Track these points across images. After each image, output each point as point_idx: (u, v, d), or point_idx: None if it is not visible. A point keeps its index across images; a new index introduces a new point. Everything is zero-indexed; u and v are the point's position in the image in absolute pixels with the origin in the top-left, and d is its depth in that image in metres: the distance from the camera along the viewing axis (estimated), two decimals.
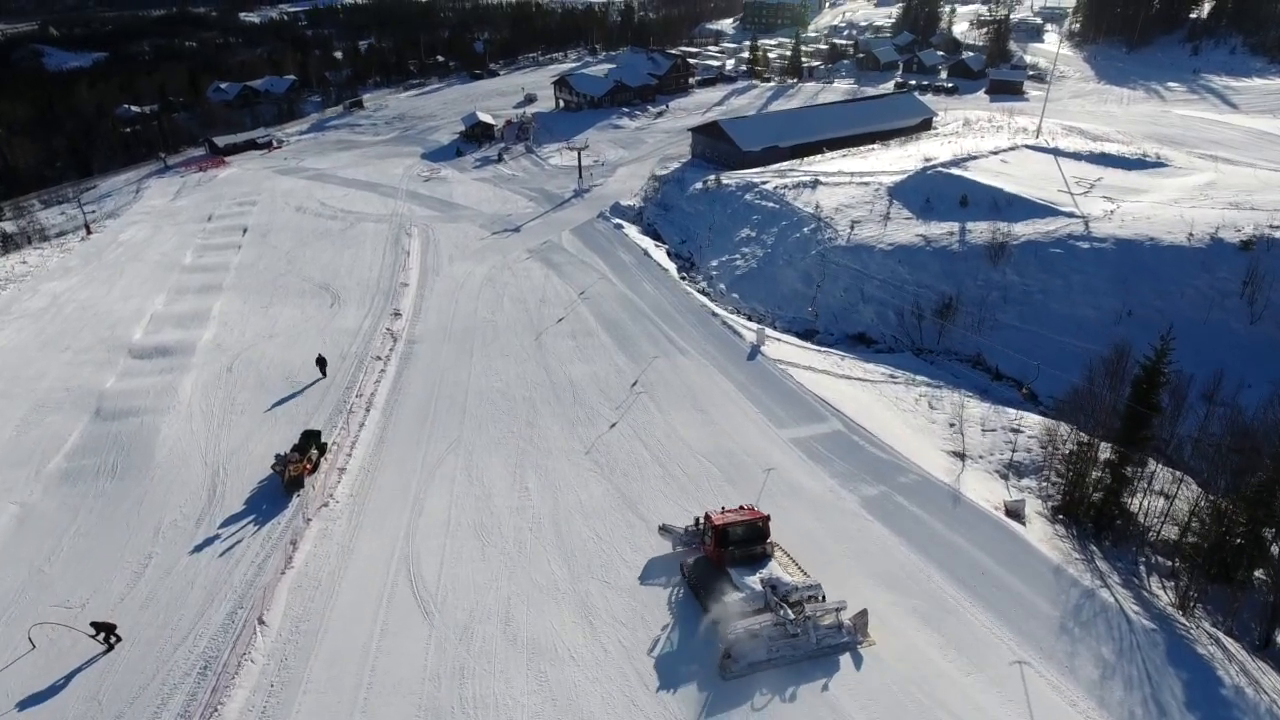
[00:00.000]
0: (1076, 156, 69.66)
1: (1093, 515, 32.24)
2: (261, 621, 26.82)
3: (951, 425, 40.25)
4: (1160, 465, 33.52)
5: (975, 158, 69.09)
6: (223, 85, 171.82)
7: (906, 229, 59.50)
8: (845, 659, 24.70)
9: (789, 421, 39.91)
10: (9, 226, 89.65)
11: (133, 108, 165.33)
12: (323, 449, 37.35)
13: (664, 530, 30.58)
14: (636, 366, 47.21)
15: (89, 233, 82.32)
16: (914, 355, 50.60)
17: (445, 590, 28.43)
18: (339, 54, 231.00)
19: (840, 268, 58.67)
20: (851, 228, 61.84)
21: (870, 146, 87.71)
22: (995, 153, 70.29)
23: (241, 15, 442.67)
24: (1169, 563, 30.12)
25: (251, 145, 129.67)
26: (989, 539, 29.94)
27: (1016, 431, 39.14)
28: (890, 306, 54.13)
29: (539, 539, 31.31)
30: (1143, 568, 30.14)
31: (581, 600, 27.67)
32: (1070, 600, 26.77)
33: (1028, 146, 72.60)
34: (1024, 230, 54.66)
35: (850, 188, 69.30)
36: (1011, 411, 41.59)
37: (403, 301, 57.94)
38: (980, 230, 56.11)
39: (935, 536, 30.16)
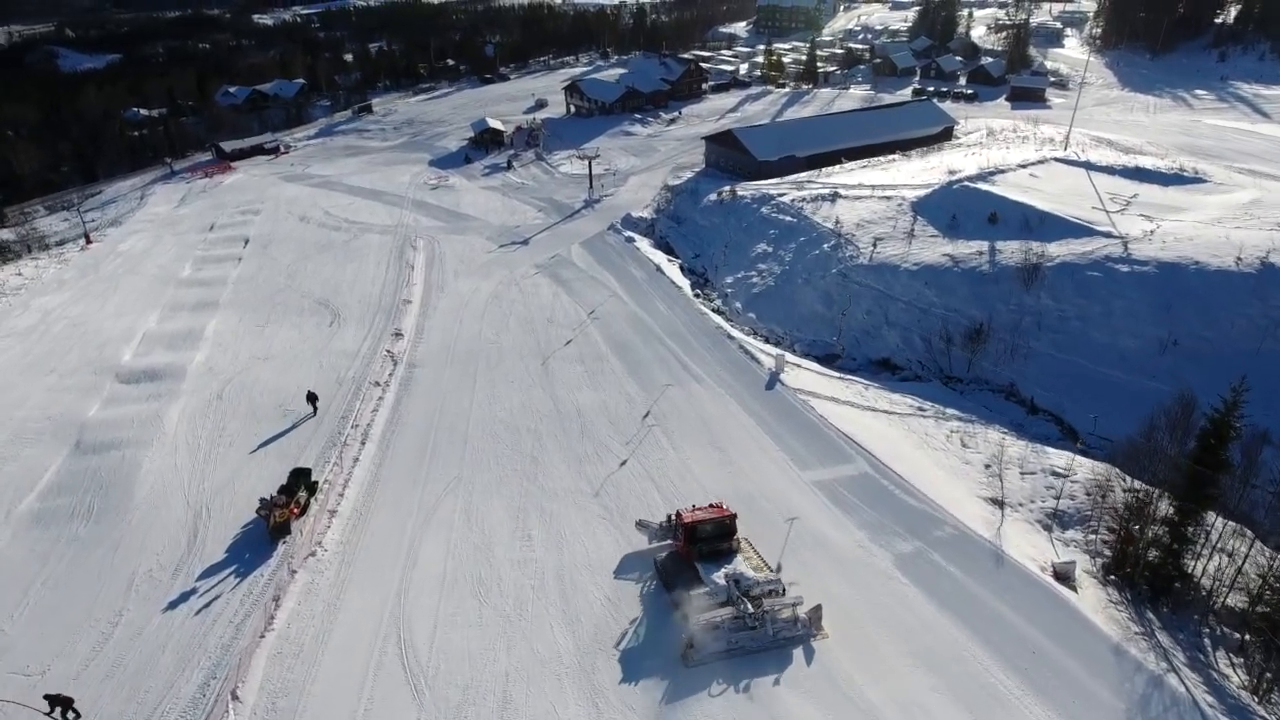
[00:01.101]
0: (1109, 170, 66.55)
1: (1148, 577, 29.40)
2: (235, 696, 24.33)
3: (988, 467, 37.46)
4: (1220, 518, 30.62)
5: (1002, 171, 66.11)
6: (231, 89, 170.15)
7: (932, 248, 56.65)
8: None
9: (812, 461, 37.19)
10: (8, 235, 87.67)
11: (141, 111, 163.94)
12: (313, 489, 34.91)
13: (640, 525, 31.59)
14: (648, 395, 44.62)
15: (89, 242, 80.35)
16: (943, 384, 47.78)
17: (438, 661, 25.87)
18: (349, 56, 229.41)
19: (862, 288, 55.87)
20: (874, 245, 59.02)
21: (890, 157, 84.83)
22: (1023, 166, 67.29)
23: (255, 17, 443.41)
24: (1237, 635, 27.24)
25: (259, 150, 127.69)
26: (1038, 608, 27.13)
27: (1059, 476, 36.26)
28: (916, 331, 51.30)
29: (542, 599, 28.72)
30: (1207, 640, 27.27)
31: (587, 678, 25.05)
32: (1135, 689, 23.95)
33: (1057, 159, 69.57)
34: (1058, 251, 51.73)
35: (871, 202, 66.47)
36: (1051, 451, 38.72)
37: (405, 321, 55.51)
38: (1011, 250, 53.21)
39: (978, 605, 27.38)
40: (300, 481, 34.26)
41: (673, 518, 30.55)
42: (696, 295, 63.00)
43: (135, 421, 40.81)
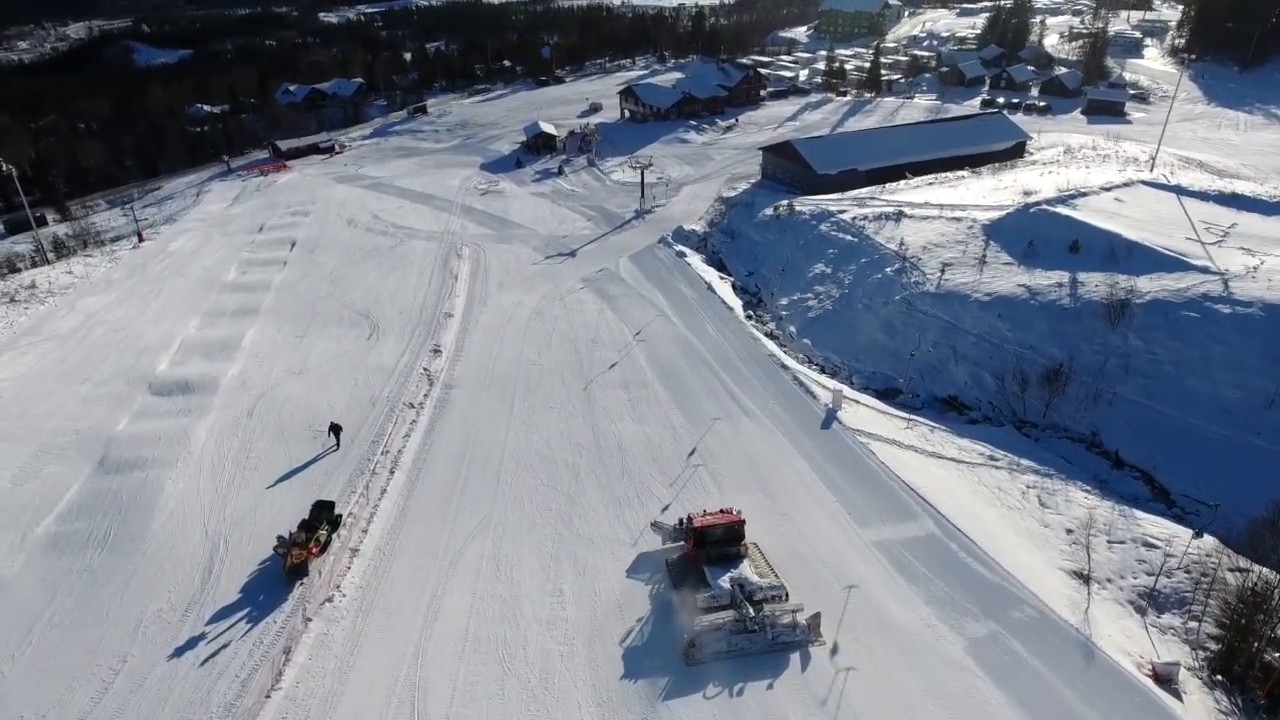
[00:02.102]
0: (1203, 196, 61.48)
1: (1260, 678, 25.52)
2: None
3: (1070, 532, 33.71)
4: None
5: (1084, 194, 61.48)
6: (291, 88, 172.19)
7: (1006, 277, 52.62)
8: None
9: (872, 517, 33.92)
10: (64, 230, 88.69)
11: (205, 108, 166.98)
12: (336, 523, 32.92)
13: (655, 526, 32.34)
14: (694, 429, 41.78)
15: (141, 240, 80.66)
16: (1016, 430, 43.87)
17: None
18: (408, 55, 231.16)
19: (928, 318, 52.13)
20: (941, 271, 55.17)
21: (959, 174, 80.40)
22: (1107, 189, 62.53)
23: (320, 15, 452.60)
24: None
25: (314, 150, 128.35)
26: (1136, 718, 23.55)
27: (1152, 547, 32.39)
28: (987, 368, 47.44)
29: (570, 670, 26.13)
30: None
31: None
32: None
33: (1144, 182, 64.58)
34: (1149, 286, 47.34)
35: (939, 223, 62.48)
36: (1142, 516, 34.80)
37: (444, 336, 53.60)
38: (1095, 283, 48.95)
39: (1067, 711, 23.91)
40: (323, 515, 32.31)
41: (684, 521, 31.25)
42: (748, 317, 59.97)
43: (162, 439, 39.46)
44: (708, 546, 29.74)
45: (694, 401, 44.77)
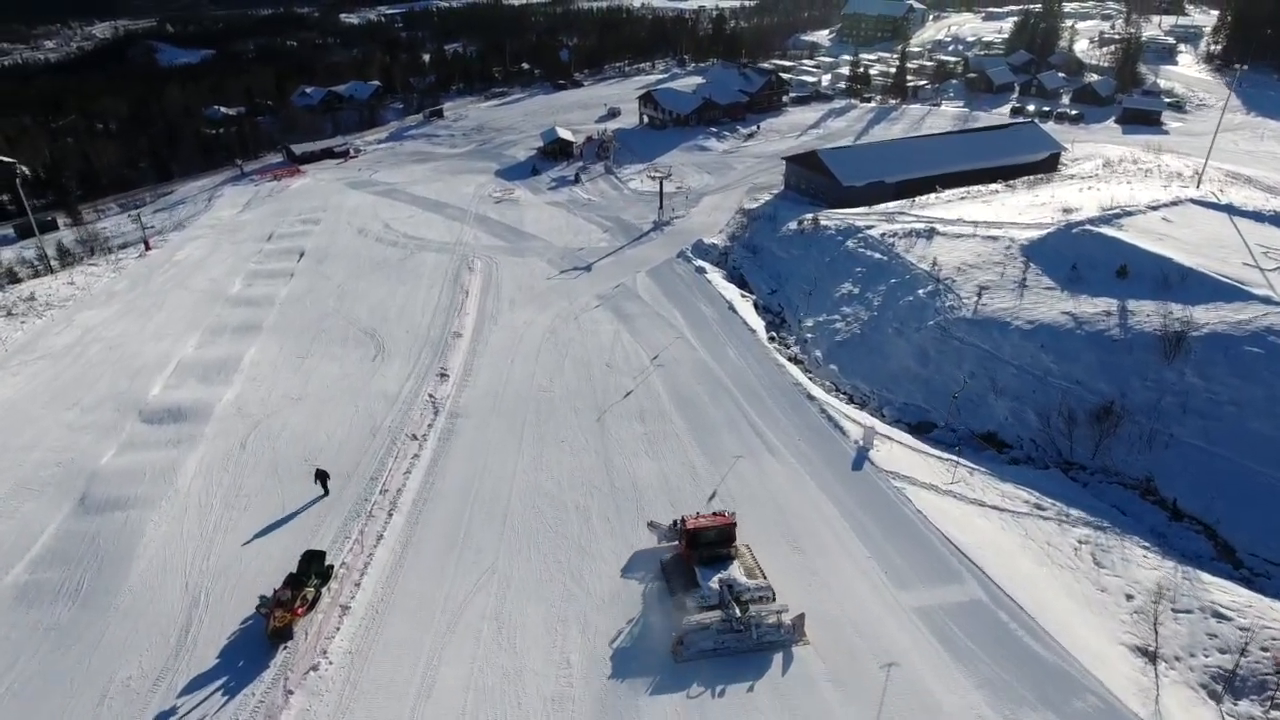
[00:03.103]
0: (1257, 217, 57.87)
1: None
2: None
3: (1130, 598, 30.56)
4: None
5: (1130, 213, 57.97)
6: (308, 90, 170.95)
7: (1049, 303, 49.33)
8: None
9: (911, 578, 30.94)
10: (70, 237, 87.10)
11: (221, 109, 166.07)
12: (326, 575, 30.35)
13: (651, 526, 33.20)
14: (715, 469, 38.96)
15: (147, 248, 78.88)
16: (1062, 472, 40.65)
17: None
18: (427, 57, 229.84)
19: (965, 346, 48.97)
20: (978, 295, 51.98)
21: (992, 187, 76.99)
22: (1154, 208, 58.96)
23: (341, 16, 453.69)
24: None
25: (328, 154, 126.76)
26: None
27: (1222, 618, 29.20)
28: (1030, 403, 44.21)
29: None
30: None
31: None
32: None
33: (1193, 201, 60.95)
34: (1206, 317, 43.94)
35: (974, 242, 59.20)
36: (1209, 580, 31.58)
37: (452, 358, 51.08)
38: (1146, 313, 45.61)
39: None
40: (312, 568, 29.75)
41: (679, 522, 32.02)
42: (771, 339, 57.07)
43: (148, 473, 37.09)
44: (700, 548, 30.67)
45: (715, 436, 41.94)
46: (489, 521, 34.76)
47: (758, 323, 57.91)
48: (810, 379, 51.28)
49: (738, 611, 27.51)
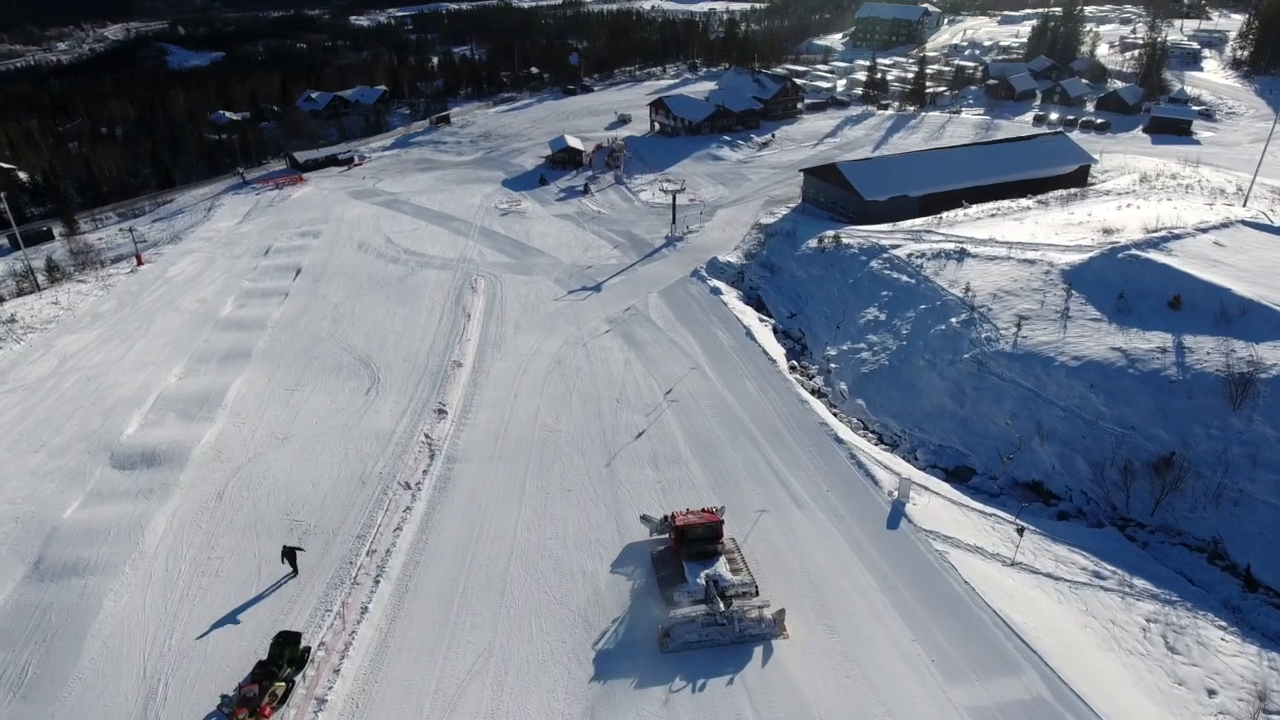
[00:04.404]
0: None
1: None
2: None
3: (1212, 694, 26.85)
4: None
5: (1178, 236, 54.08)
6: (313, 94, 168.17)
7: (1096, 337, 45.56)
8: None
9: (963, 668, 27.29)
10: (61, 251, 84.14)
11: (227, 114, 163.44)
12: (302, 660, 26.95)
13: (644, 519, 34.39)
14: (736, 525, 35.26)
15: (140, 263, 75.91)
16: (1119, 530, 36.90)
17: None
18: (435, 59, 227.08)
19: (1005, 384, 45.24)
20: (1018, 326, 48.27)
21: (1023, 204, 73.12)
22: (1203, 230, 55.03)
23: (351, 19, 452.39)
24: None
25: (332, 161, 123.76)
26: None
27: None
28: (1079, 450, 40.47)
29: None
30: None
31: None
32: None
33: (1245, 222, 56.99)
34: (1274, 356, 40.11)
35: (1009, 265, 55.45)
36: None
37: (451, 391, 47.69)
38: (1206, 350, 41.83)
39: None
40: (285, 652, 26.34)
41: (669, 518, 33.19)
42: (792, 368, 53.57)
43: (113, 531, 33.73)
44: (689, 543, 31.69)
45: (735, 485, 38.42)
46: (486, 590, 31.30)
47: (778, 351, 54.33)
48: (836, 415, 47.79)
49: (722, 606, 28.47)
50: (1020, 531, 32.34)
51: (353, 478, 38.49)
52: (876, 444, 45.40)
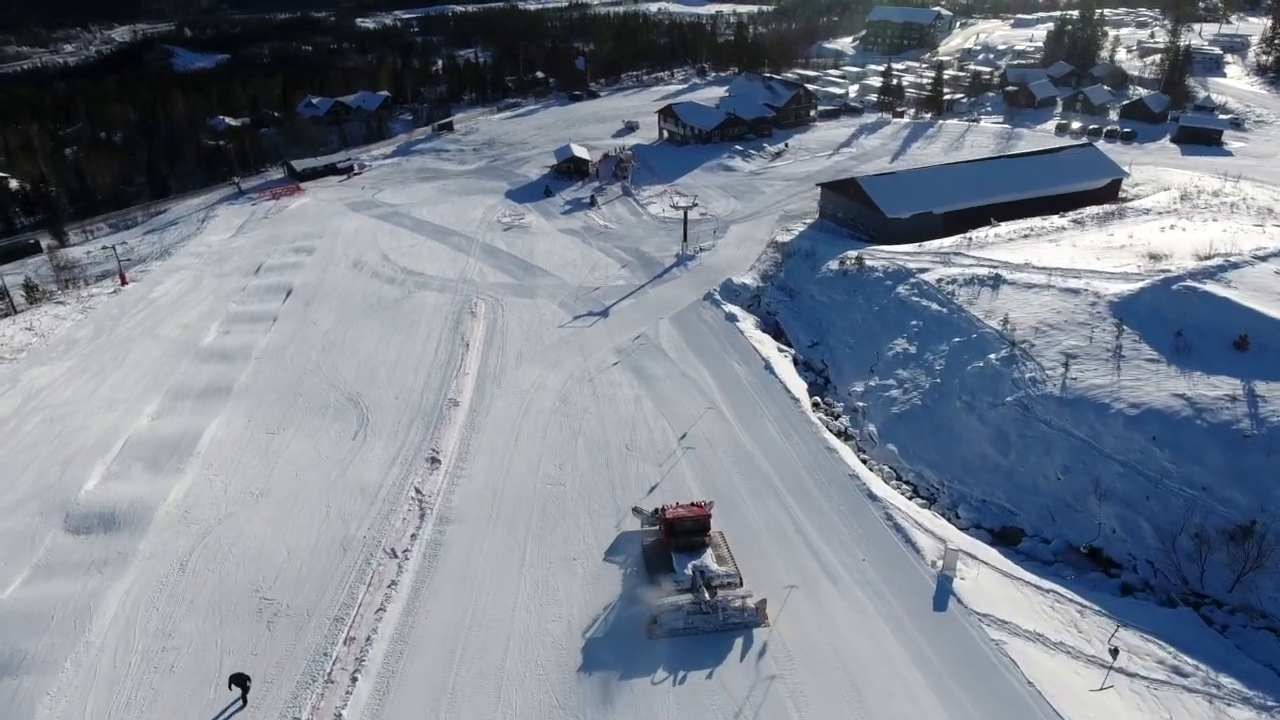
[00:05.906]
0: None
1: None
2: None
3: None
4: None
5: (1235, 264, 49.74)
6: (314, 100, 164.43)
7: (1155, 380, 41.32)
8: None
9: None
10: (45, 266, 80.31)
11: (226, 120, 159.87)
12: None
13: (636, 511, 35.89)
14: (762, 595, 31.27)
15: (124, 282, 72.22)
16: (1194, 610, 32.71)
17: None
18: (439, 62, 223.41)
19: (1054, 432, 41.05)
20: (1065, 366, 44.05)
21: (1057, 223, 68.74)
22: (1263, 258, 50.64)
23: (358, 21, 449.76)
24: None
25: (331, 170, 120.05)
26: None
27: None
28: (1144, 513, 36.29)
29: None
30: None
31: None
32: None
33: None
34: None
35: (1050, 295, 51.19)
36: None
37: (446, 435, 43.75)
38: None
39: None
40: None
41: (659, 511, 34.59)
42: (815, 405, 49.54)
43: (57, 616, 29.85)
44: (678, 536, 33.06)
45: (760, 553, 34.43)
46: (479, 691, 27.32)
47: (799, 386, 50.23)
48: (866, 463, 43.68)
49: (707, 595, 29.86)
50: (1114, 653, 27.96)
51: (333, 543, 34.55)
52: (912, 497, 41.37)
